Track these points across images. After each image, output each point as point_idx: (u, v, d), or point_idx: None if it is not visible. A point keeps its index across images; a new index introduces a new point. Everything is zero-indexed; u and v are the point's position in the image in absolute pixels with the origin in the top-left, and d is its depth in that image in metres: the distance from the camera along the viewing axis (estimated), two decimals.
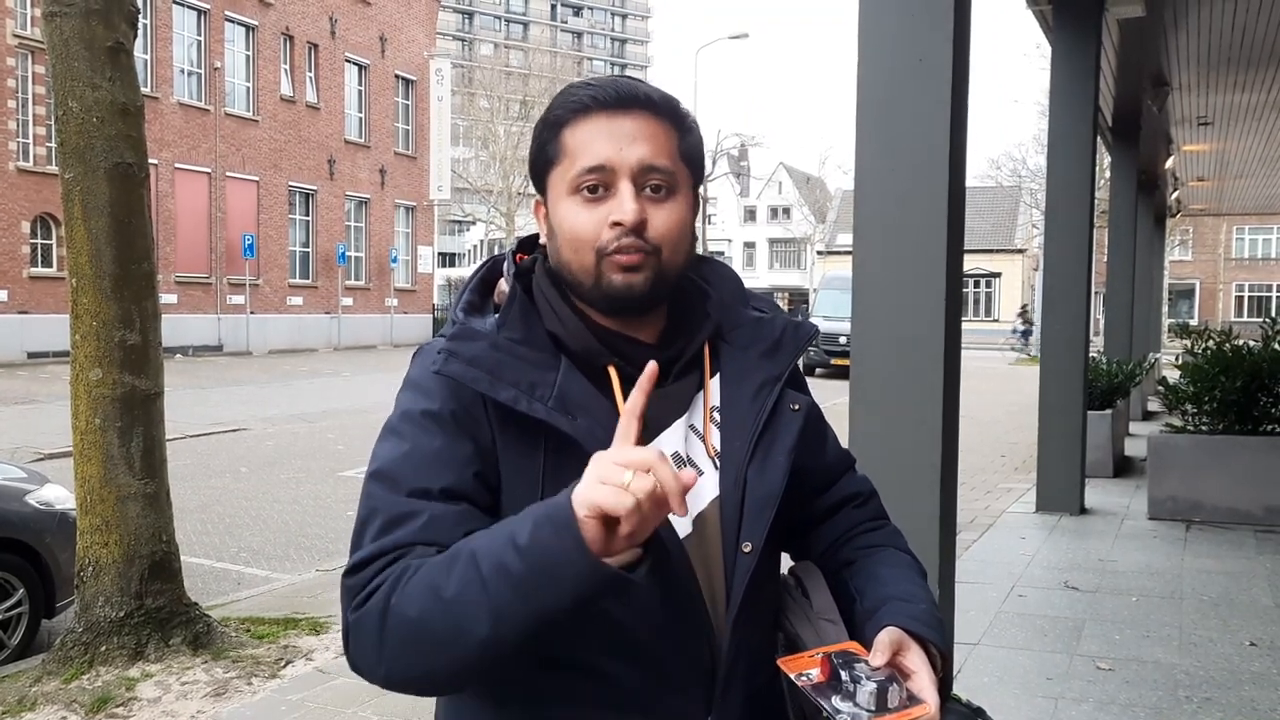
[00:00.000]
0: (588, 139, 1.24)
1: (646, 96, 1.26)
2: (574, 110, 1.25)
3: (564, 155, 1.25)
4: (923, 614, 1.26)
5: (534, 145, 1.30)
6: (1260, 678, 4.51)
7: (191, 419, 13.77)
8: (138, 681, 4.43)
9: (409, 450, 1.21)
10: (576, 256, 1.24)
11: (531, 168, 1.32)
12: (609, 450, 1.06)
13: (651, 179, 1.24)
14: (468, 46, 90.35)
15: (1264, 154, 15.72)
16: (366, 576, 1.15)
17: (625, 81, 1.28)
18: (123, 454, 4.72)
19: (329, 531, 8.01)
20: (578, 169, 1.24)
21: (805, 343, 1.38)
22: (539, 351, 1.24)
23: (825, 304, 25.87)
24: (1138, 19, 8.08)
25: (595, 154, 1.23)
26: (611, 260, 1.23)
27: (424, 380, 1.25)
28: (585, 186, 1.23)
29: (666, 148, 1.26)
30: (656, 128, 1.25)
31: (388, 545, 1.16)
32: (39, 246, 23.92)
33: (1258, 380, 7.69)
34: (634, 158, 1.23)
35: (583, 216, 1.23)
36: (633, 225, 1.21)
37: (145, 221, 4.89)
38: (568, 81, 1.70)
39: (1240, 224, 53.92)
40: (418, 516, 1.17)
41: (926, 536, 3.23)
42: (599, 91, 1.25)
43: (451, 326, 1.27)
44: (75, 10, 4.63)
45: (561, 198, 1.25)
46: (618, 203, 1.22)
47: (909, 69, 3.26)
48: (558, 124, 1.26)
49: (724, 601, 1.24)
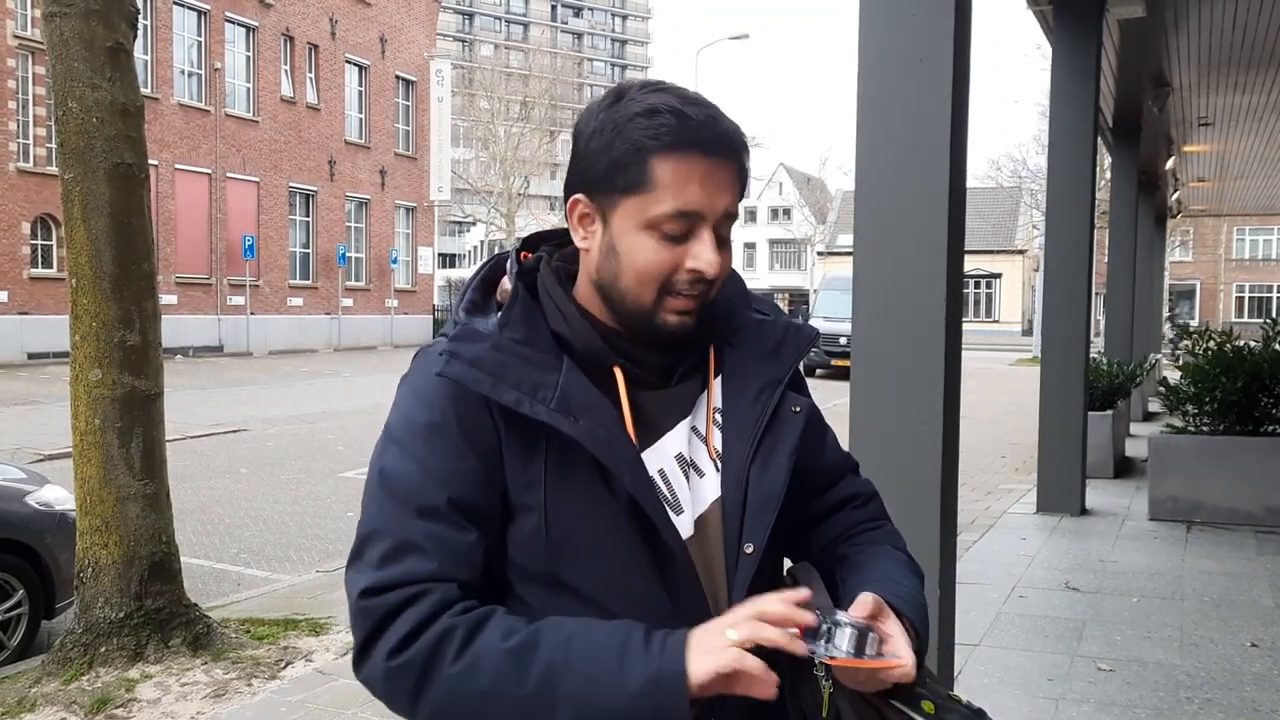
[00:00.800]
0: (682, 179, 1.18)
1: (738, 142, 1.23)
2: (668, 142, 1.18)
3: (651, 187, 1.19)
4: (904, 592, 1.28)
5: (603, 157, 1.21)
6: (1261, 679, 4.50)
7: (191, 420, 13.77)
8: (137, 683, 4.42)
9: (414, 465, 1.20)
10: (639, 289, 1.22)
11: (594, 178, 1.23)
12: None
13: (725, 228, 1.24)
14: (468, 47, 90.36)
15: (1264, 155, 15.72)
16: (388, 606, 1.15)
17: (726, 122, 1.22)
18: (122, 455, 4.71)
19: (329, 532, 8.00)
20: (667, 209, 1.19)
21: (807, 346, 1.38)
22: (541, 352, 1.23)
23: (825, 305, 25.87)
24: (1138, 19, 8.08)
25: (689, 200, 1.19)
26: (672, 302, 1.22)
27: (426, 387, 1.24)
28: (669, 231, 1.20)
29: (739, 192, 1.25)
30: (737, 173, 1.23)
31: (405, 576, 1.16)
32: (39, 247, 23.92)
33: (1258, 381, 7.69)
34: (721, 206, 1.21)
35: (661, 255, 1.20)
36: (713, 279, 1.22)
37: (145, 222, 4.89)
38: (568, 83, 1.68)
39: (1241, 225, 53.89)
40: (429, 543, 1.17)
41: (927, 537, 3.23)
42: (700, 130, 1.19)
43: (453, 327, 1.26)
44: (75, 11, 4.62)
45: (636, 229, 1.21)
46: (700, 249, 1.21)
47: (909, 69, 3.25)
48: (646, 149, 1.18)
49: (726, 603, 1.24)
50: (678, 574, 1.21)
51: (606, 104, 1.24)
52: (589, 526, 1.21)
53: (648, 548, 1.21)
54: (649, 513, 1.20)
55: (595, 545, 1.21)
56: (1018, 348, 39.42)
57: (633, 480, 1.19)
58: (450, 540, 1.18)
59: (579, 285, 1.30)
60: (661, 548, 1.21)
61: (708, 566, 1.25)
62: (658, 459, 1.26)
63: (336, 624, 5.36)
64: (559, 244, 1.36)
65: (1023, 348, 38.18)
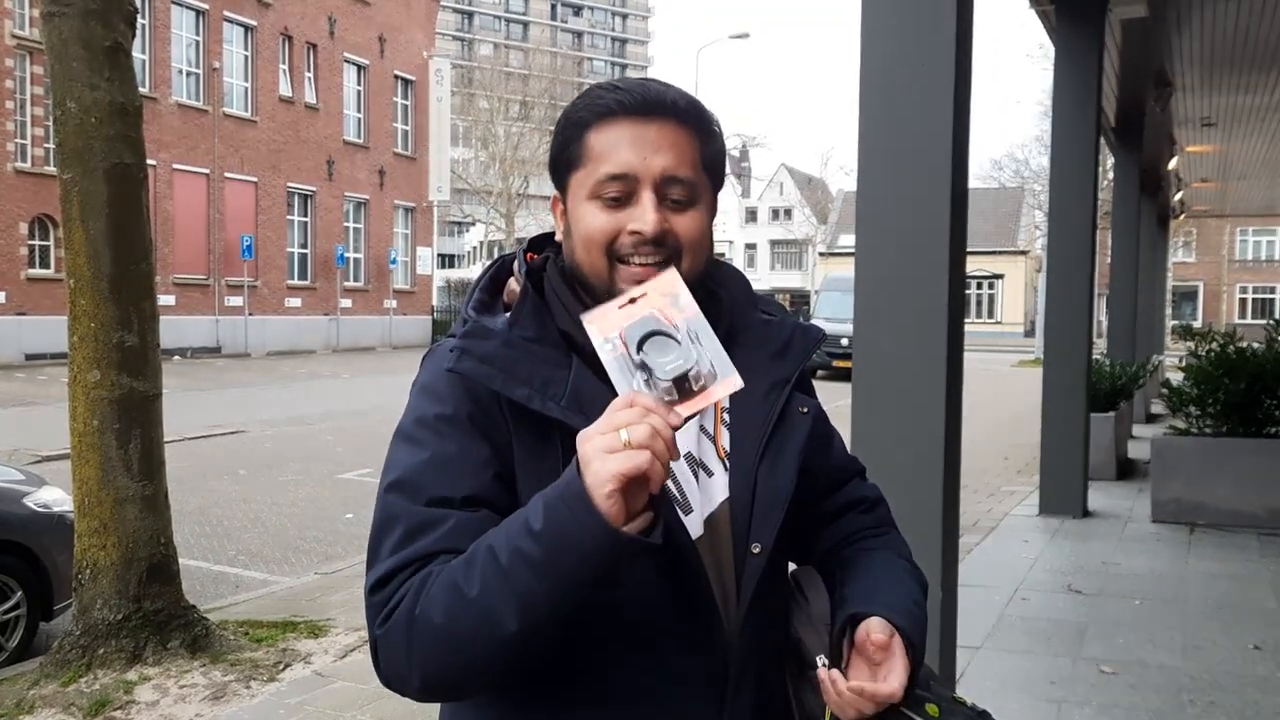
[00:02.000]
0: (611, 145, 1.23)
1: (673, 103, 1.25)
2: (599, 113, 1.23)
3: (587, 158, 1.24)
4: (898, 601, 1.27)
5: (556, 143, 1.28)
6: (1264, 681, 4.48)
7: (190, 421, 13.75)
8: (136, 684, 4.41)
9: (426, 457, 1.21)
10: (589, 258, 1.24)
11: (552, 165, 1.30)
12: (590, 427, 1.06)
13: (674, 191, 1.24)
14: (467, 46, 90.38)
15: (1268, 156, 15.70)
16: (390, 591, 1.15)
17: (654, 86, 1.26)
18: (121, 456, 4.70)
19: (327, 534, 7.99)
20: (600, 175, 1.23)
21: (813, 346, 1.38)
22: (551, 349, 1.24)
23: (827, 306, 25.84)
24: (1141, 19, 8.07)
25: (618, 161, 1.22)
26: (626, 271, 1.23)
27: (437, 382, 1.25)
28: (607, 192, 1.23)
29: (690, 157, 1.25)
30: (681, 135, 1.25)
31: (410, 556, 1.15)
32: (37, 248, 23.90)
33: (1261, 382, 7.67)
34: (657, 167, 1.23)
35: (600, 219, 1.23)
36: (652, 236, 1.22)
37: (143, 222, 4.87)
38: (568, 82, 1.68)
39: (1244, 226, 53.87)
40: (439, 525, 1.16)
41: (929, 539, 3.21)
42: (625, 96, 1.23)
43: (463, 324, 1.27)
44: (74, 11, 4.61)
45: (581, 201, 1.25)
46: (639, 211, 1.22)
47: (911, 70, 3.24)
48: (581, 125, 1.24)
49: (735, 603, 1.25)
50: (686, 573, 1.21)
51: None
52: None
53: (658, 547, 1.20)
54: (659, 512, 1.18)
55: None
56: (1020, 349, 39.39)
57: None
58: (460, 522, 1.17)
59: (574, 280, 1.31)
60: (671, 547, 1.19)
61: (716, 566, 1.25)
62: None
63: (335, 626, 5.34)
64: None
65: (1025, 349, 38.16)
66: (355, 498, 9.23)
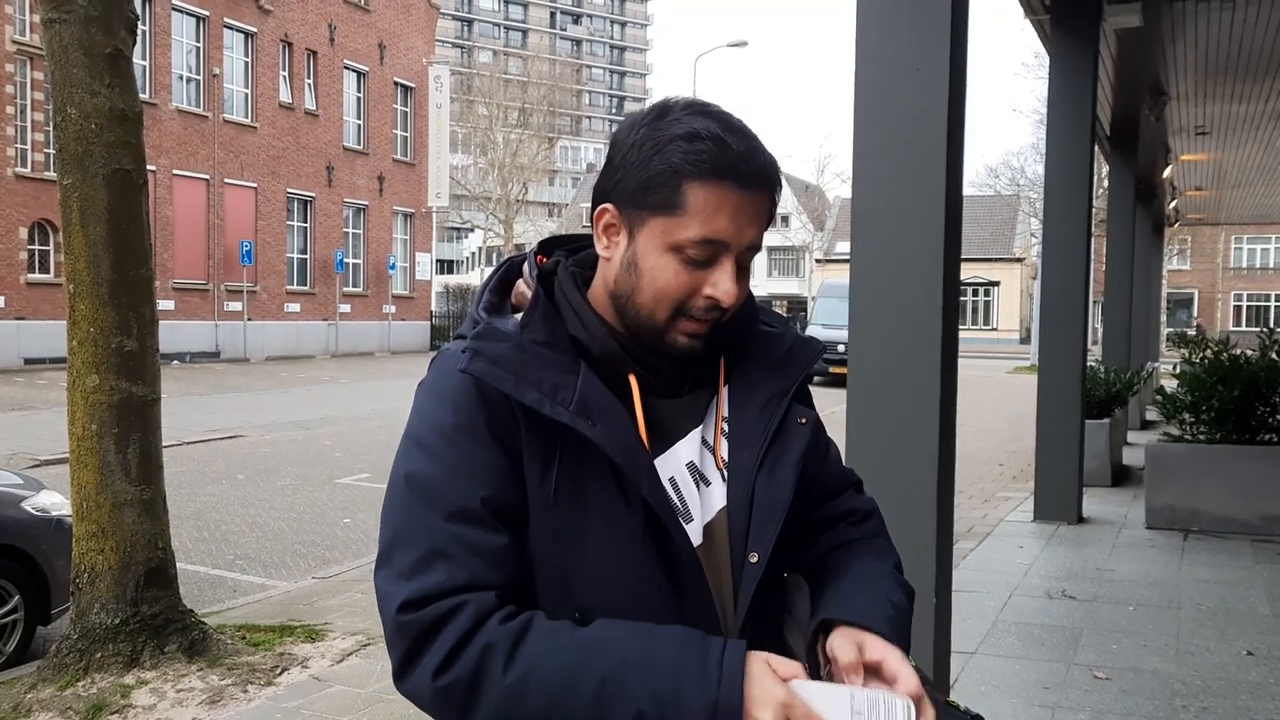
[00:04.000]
0: (714, 209, 1.20)
1: (773, 177, 1.24)
2: (706, 173, 1.19)
3: (681, 210, 1.20)
4: (874, 604, 1.27)
5: (637, 173, 1.22)
6: (1257, 687, 4.50)
7: (188, 426, 13.76)
8: (133, 689, 4.41)
9: (442, 467, 1.20)
10: (654, 307, 1.24)
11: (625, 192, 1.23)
12: (783, 705, 1.09)
13: (747, 258, 1.25)
14: (467, 54, 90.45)
15: (1262, 164, 15.76)
16: (426, 622, 1.15)
17: (764, 155, 1.23)
18: (119, 460, 4.71)
19: (325, 539, 8.00)
20: (694, 235, 1.20)
21: (814, 359, 1.39)
22: (561, 354, 1.24)
23: (823, 312, 25.86)
24: (1135, 29, 8.11)
25: (717, 229, 1.20)
26: (685, 324, 1.24)
27: (448, 387, 1.24)
28: (694, 255, 1.21)
29: (766, 224, 1.26)
30: (768, 206, 1.25)
31: (439, 587, 1.15)
32: (37, 253, 23.90)
33: (1255, 390, 7.70)
34: (747, 240, 1.23)
35: (681, 279, 1.22)
36: (729, 308, 1.23)
37: (143, 228, 4.89)
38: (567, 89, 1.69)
39: (1239, 233, 53.98)
40: (461, 549, 1.16)
41: (924, 545, 3.23)
42: (737, 162, 1.20)
43: (474, 326, 1.27)
44: (74, 17, 4.63)
45: (660, 249, 1.22)
46: (720, 278, 1.22)
47: (906, 77, 3.27)
48: (680, 174, 1.19)
49: (733, 611, 1.25)
50: (688, 582, 1.22)
51: (649, 119, 1.24)
52: (601, 531, 1.21)
53: (659, 555, 1.21)
54: (663, 520, 1.20)
55: (607, 550, 1.21)
56: (1015, 355, 39.43)
57: (649, 486, 1.20)
58: (482, 544, 1.17)
59: (594, 291, 1.30)
60: (673, 556, 1.21)
61: (715, 575, 1.25)
62: (669, 467, 1.27)
63: (333, 630, 5.35)
64: (572, 249, 1.37)
65: (1020, 355, 38.21)
66: (353, 502, 9.25)
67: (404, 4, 34.83)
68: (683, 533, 1.21)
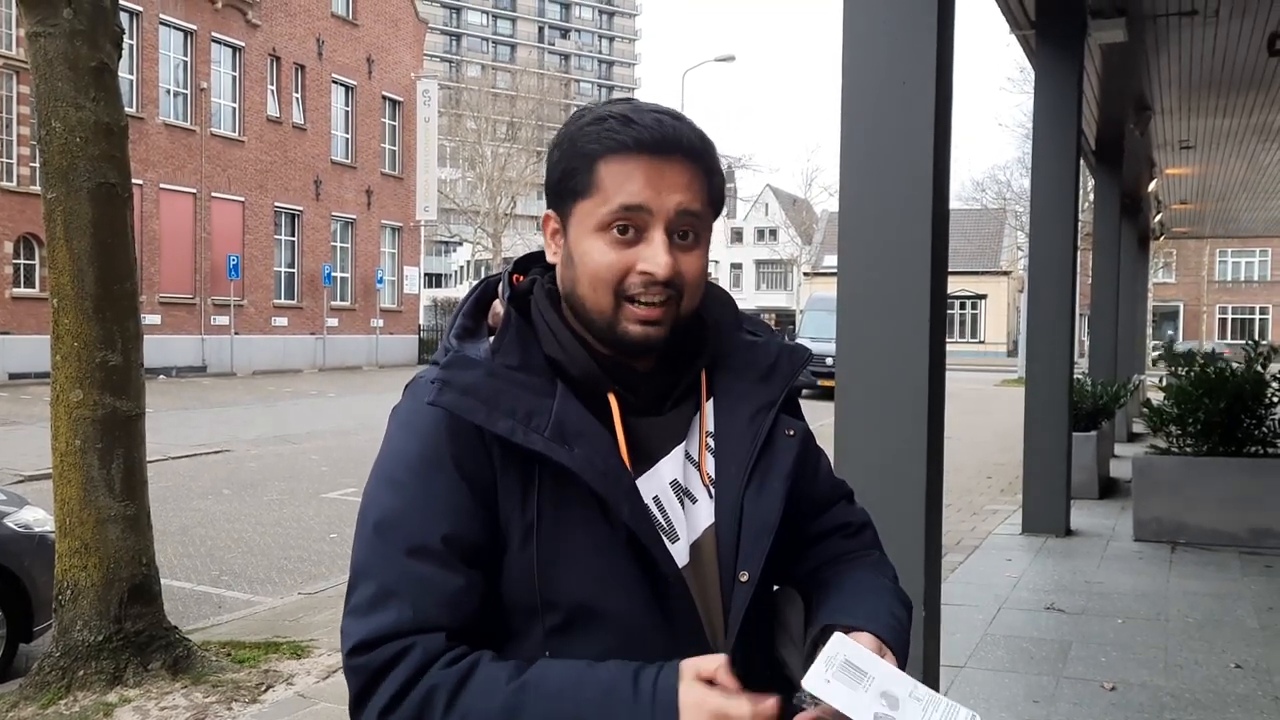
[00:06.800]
0: (625, 178, 1.19)
1: (689, 143, 1.23)
2: (611, 147, 1.20)
3: (596, 190, 1.20)
4: (874, 613, 1.26)
5: (558, 168, 1.24)
6: (1245, 699, 4.50)
7: (174, 440, 13.68)
8: (116, 706, 4.37)
9: (405, 503, 1.18)
10: (594, 295, 1.22)
11: (552, 189, 1.26)
12: (713, 695, 1.08)
13: (683, 226, 1.22)
14: (455, 68, 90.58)
15: (1245, 178, 15.89)
16: (374, 665, 1.14)
17: (668, 123, 1.22)
18: (103, 476, 4.67)
19: (312, 554, 7.95)
20: (611, 208, 1.20)
21: (800, 367, 1.37)
22: (535, 377, 1.21)
23: (811, 325, 25.94)
24: (1120, 44, 8.17)
25: (633, 194, 1.19)
26: (632, 310, 1.21)
27: (417, 417, 1.21)
28: (616, 226, 1.20)
29: (699, 193, 1.23)
30: (693, 173, 1.23)
31: (389, 628, 1.14)
32: (21, 267, 23.78)
33: (1240, 402, 7.73)
34: (671, 205, 1.20)
35: (609, 257, 1.20)
36: (664, 279, 1.20)
37: (128, 242, 4.87)
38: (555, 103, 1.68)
39: (1223, 247, 54.36)
40: (414, 588, 1.15)
41: (912, 558, 3.23)
42: (642, 133, 1.20)
43: (444, 354, 1.24)
44: (59, 31, 4.62)
45: (588, 232, 1.21)
46: (650, 251, 1.20)
47: (892, 92, 3.28)
48: (592, 156, 1.21)
49: (723, 631, 1.23)
50: (675, 603, 1.20)
51: (568, 122, 1.27)
52: (584, 556, 1.19)
53: (644, 578, 1.19)
54: (646, 543, 1.18)
55: (590, 575, 1.19)
56: (1002, 368, 39.54)
57: (630, 510, 1.17)
58: (437, 584, 1.15)
59: (564, 306, 1.28)
60: (659, 578, 1.19)
61: (703, 594, 1.23)
62: (652, 486, 1.24)
63: (318, 647, 5.31)
64: (549, 266, 1.34)
65: (1008, 368, 38.30)
66: (340, 517, 9.19)
67: (392, 18, 34.87)
68: (667, 555, 1.19)
